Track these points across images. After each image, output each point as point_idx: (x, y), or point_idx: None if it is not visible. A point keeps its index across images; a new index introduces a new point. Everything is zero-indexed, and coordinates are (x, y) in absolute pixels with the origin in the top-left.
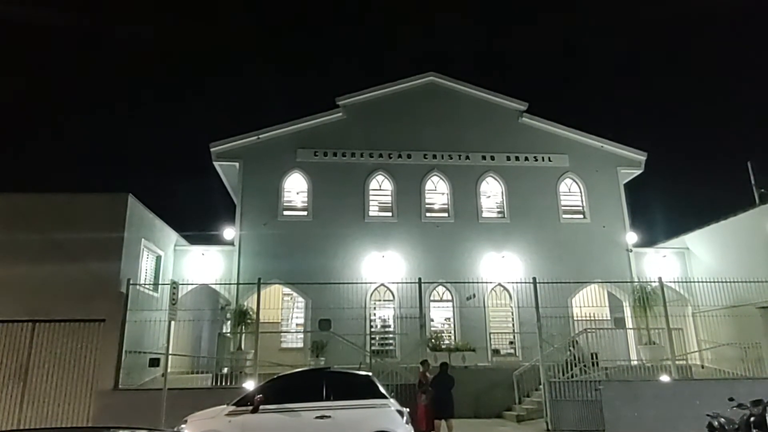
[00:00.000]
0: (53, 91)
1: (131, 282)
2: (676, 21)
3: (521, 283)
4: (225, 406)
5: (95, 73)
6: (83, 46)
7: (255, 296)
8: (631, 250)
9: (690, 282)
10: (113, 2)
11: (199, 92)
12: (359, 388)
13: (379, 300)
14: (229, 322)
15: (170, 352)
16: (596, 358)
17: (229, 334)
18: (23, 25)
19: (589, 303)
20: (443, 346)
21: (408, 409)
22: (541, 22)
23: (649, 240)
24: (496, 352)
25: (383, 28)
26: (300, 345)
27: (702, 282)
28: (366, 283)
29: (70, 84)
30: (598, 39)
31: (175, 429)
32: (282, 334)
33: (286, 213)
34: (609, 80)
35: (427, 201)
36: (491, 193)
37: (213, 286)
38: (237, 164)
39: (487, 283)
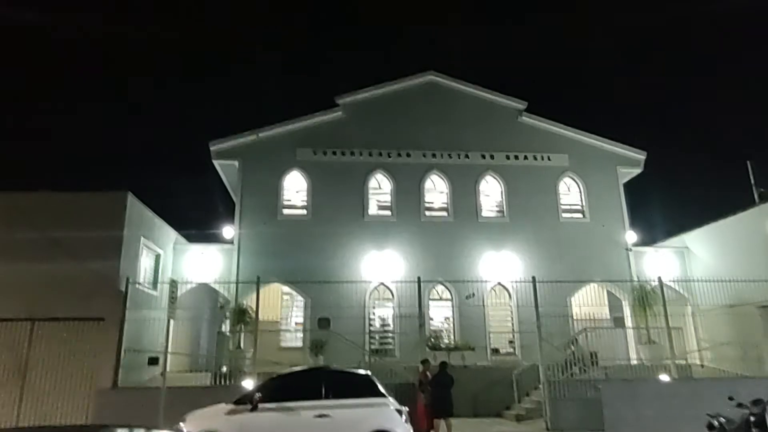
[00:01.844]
0: (52, 89)
1: (130, 280)
2: (676, 21)
3: (521, 282)
4: (224, 404)
5: (95, 71)
6: (83, 43)
7: (254, 295)
8: (631, 249)
9: (690, 281)
10: (114, 0)
11: (199, 90)
12: (358, 387)
13: (379, 299)
14: (228, 321)
15: (169, 350)
16: (596, 357)
17: (228, 333)
18: (21, 23)
19: (588, 302)
20: (442, 345)
21: (407, 408)
22: (541, 22)
23: (649, 239)
24: (495, 351)
25: (383, 27)
26: (299, 344)
27: (702, 281)
28: (365, 282)
29: (70, 82)
30: (598, 38)
31: (174, 427)
32: (281, 332)
33: (285, 212)
34: (609, 79)
35: (426, 200)
36: (490, 192)
37: (212, 285)
38: (236, 163)
39: (486, 282)
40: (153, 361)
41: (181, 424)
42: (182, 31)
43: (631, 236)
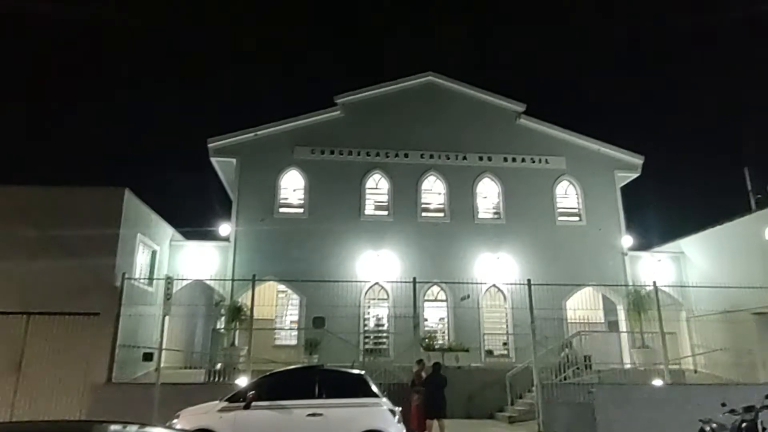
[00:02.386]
0: (50, 86)
1: (126, 276)
2: (676, 24)
3: (516, 284)
4: (217, 401)
5: (92, 68)
6: (82, 41)
7: (249, 293)
8: (627, 254)
9: (685, 286)
10: None
11: (198, 88)
12: (352, 387)
13: (374, 299)
14: (223, 318)
15: (164, 346)
16: (589, 360)
17: (223, 330)
18: (20, 18)
19: (583, 306)
20: (437, 346)
21: (400, 408)
22: (540, 24)
23: (645, 243)
24: (489, 353)
25: (382, 27)
26: (294, 342)
27: (697, 287)
28: (361, 281)
29: (68, 79)
30: (599, 41)
31: (168, 424)
32: (276, 331)
33: (282, 210)
34: (608, 83)
35: (423, 201)
36: (487, 193)
37: (208, 282)
38: (234, 160)
39: (481, 283)
40: (148, 357)
41: (175, 420)
42: (183, 29)
43: (627, 240)
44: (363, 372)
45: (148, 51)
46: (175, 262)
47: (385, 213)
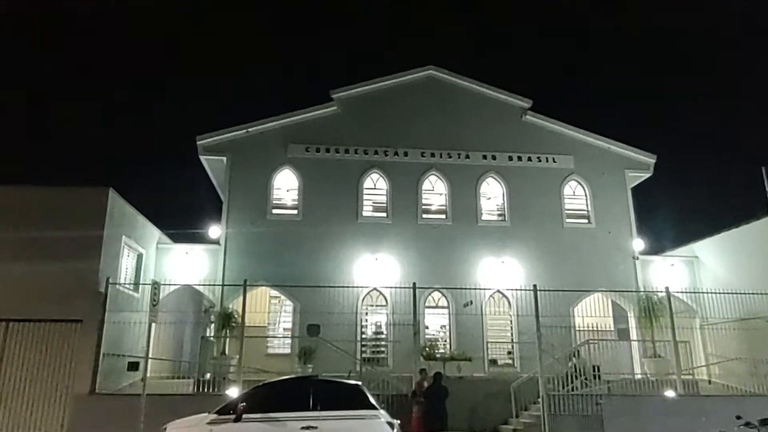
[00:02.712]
0: (39, 83)
1: (111, 281)
2: (691, 19)
3: (521, 290)
4: (206, 414)
5: (83, 65)
6: (78, 39)
7: (241, 298)
8: (638, 258)
9: (698, 292)
10: None
11: (198, 87)
12: (348, 398)
13: (372, 305)
14: (212, 326)
15: (150, 355)
16: (598, 370)
17: (212, 338)
18: (20, 17)
19: (592, 312)
20: (438, 355)
21: (399, 421)
22: (548, 18)
23: (657, 247)
24: (493, 362)
25: (384, 20)
26: (287, 351)
27: (711, 293)
28: (358, 287)
29: (59, 77)
30: (608, 36)
31: None
32: (268, 339)
33: (275, 211)
34: (618, 79)
35: (423, 201)
36: (492, 194)
37: (197, 287)
38: (224, 159)
39: (485, 289)
40: (133, 366)
41: None
42: (178, 24)
43: (638, 244)
44: (360, 383)
45: (147, 51)
46: (162, 266)
47: (384, 215)
